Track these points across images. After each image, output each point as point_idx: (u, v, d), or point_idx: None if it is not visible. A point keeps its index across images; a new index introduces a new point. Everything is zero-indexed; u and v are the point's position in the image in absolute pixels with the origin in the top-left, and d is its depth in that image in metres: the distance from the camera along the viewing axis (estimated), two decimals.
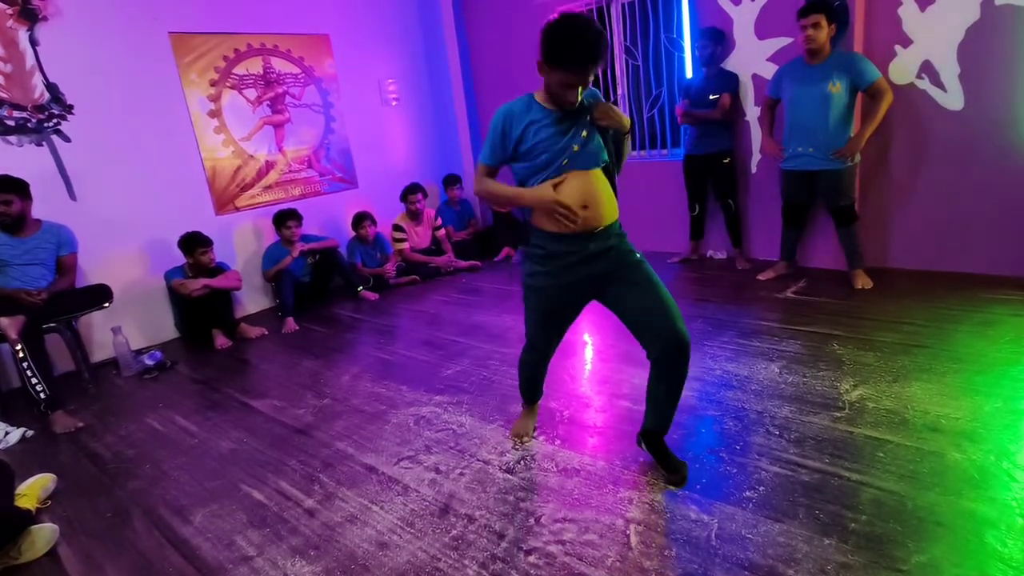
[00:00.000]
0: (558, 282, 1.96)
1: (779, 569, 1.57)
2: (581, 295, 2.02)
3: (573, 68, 1.70)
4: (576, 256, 1.90)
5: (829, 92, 3.40)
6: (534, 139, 1.84)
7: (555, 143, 1.83)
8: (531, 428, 2.42)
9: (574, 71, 1.71)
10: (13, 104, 3.62)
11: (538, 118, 1.85)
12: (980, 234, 3.50)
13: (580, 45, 1.67)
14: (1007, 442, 1.99)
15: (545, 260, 1.95)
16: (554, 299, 2.02)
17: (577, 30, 1.67)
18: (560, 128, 1.84)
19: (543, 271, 1.97)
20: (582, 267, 1.92)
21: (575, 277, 1.94)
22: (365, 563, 1.81)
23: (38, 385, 3.02)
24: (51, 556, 2.05)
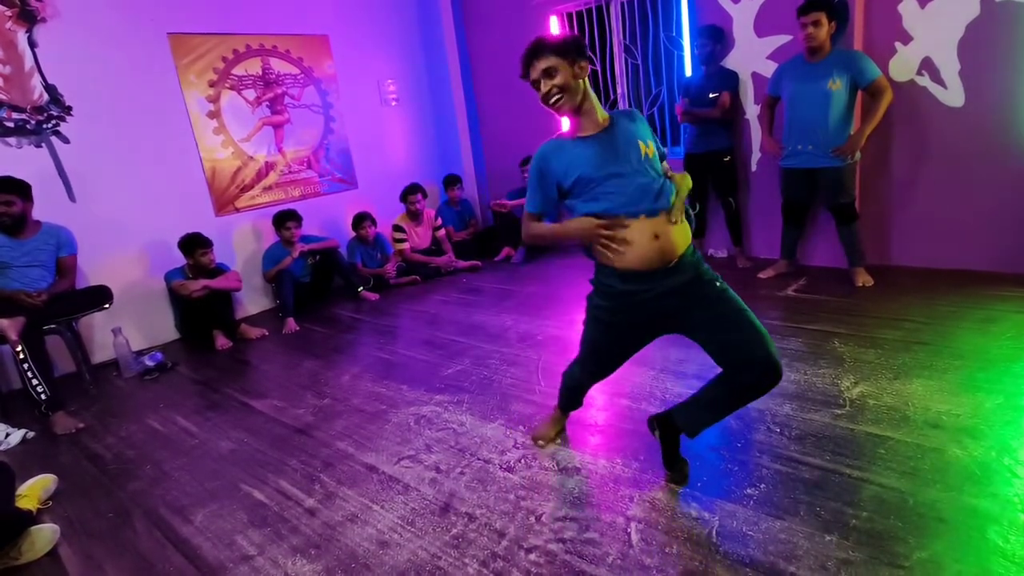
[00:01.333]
0: (628, 319, 1.81)
1: (780, 566, 1.57)
2: (655, 329, 1.85)
3: (524, 63, 1.78)
4: (652, 292, 1.73)
5: (829, 90, 3.39)
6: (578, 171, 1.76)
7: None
8: (555, 434, 2.32)
9: (525, 65, 1.78)
10: (12, 106, 3.62)
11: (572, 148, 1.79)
12: (981, 231, 3.49)
13: (527, 48, 1.77)
14: (1008, 438, 1.98)
15: (611, 298, 1.80)
16: (621, 335, 1.87)
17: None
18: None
19: (610, 307, 1.82)
20: (658, 303, 1.74)
21: (649, 315, 1.78)
22: (366, 562, 1.80)
23: (39, 386, 3.02)
24: (52, 556, 2.05)
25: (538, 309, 3.97)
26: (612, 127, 1.77)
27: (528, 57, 1.78)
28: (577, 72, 1.73)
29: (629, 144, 1.73)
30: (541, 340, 3.41)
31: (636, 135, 1.75)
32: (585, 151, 1.75)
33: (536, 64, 1.75)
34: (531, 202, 1.89)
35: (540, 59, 1.74)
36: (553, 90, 1.74)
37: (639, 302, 1.75)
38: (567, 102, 1.76)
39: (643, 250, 1.68)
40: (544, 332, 3.53)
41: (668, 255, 1.69)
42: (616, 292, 1.77)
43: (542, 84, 1.75)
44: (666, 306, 1.74)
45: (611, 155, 1.72)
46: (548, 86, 1.74)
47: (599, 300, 1.84)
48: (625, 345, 1.91)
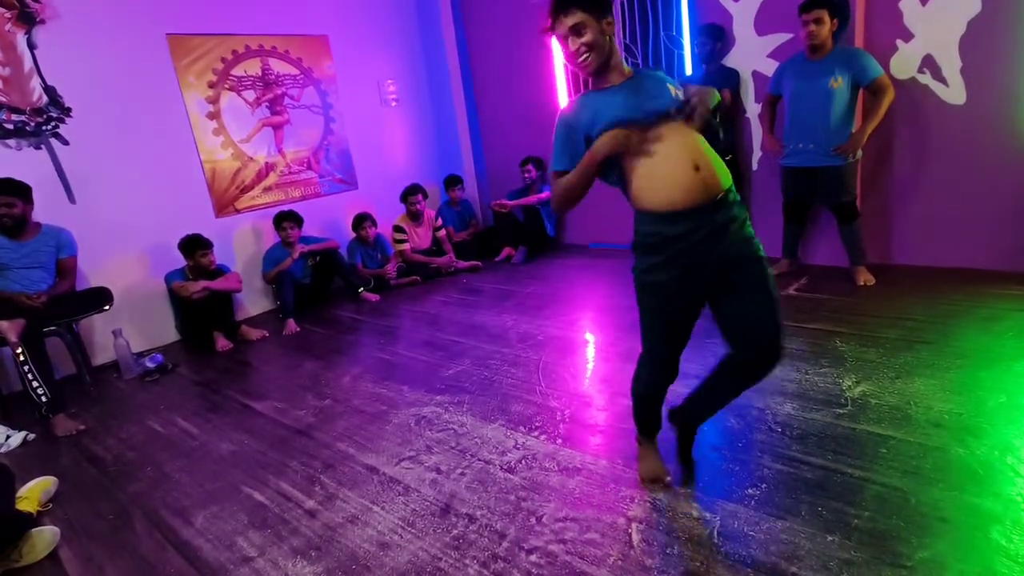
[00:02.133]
0: (683, 270, 1.63)
1: (782, 566, 1.56)
2: (706, 287, 1.69)
3: (550, 16, 1.65)
4: (703, 231, 1.58)
5: (831, 88, 3.38)
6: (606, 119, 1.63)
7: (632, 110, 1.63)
8: (660, 466, 2.01)
9: (551, 18, 1.66)
10: (11, 107, 3.62)
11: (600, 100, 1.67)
12: (983, 229, 3.48)
13: (549, 4, 1.65)
14: (1011, 437, 1.97)
15: (662, 247, 1.63)
16: (680, 293, 1.68)
17: None
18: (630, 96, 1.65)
19: (662, 260, 1.64)
20: (709, 246, 1.60)
21: (703, 260, 1.61)
22: (366, 563, 1.80)
23: (39, 388, 3.01)
24: (52, 559, 2.05)
25: (538, 309, 3.97)
26: (637, 75, 1.70)
27: (554, 9, 1.65)
28: (605, 28, 1.63)
29: (659, 85, 1.66)
30: (542, 340, 3.40)
31: (664, 79, 1.69)
32: (613, 97, 1.65)
33: (563, 19, 1.63)
34: (558, 161, 1.75)
35: (567, 14, 1.61)
36: (582, 48, 1.63)
37: (692, 245, 1.59)
38: (595, 60, 1.65)
39: (686, 181, 1.56)
40: (545, 332, 3.52)
41: (712, 187, 1.57)
42: (666, 238, 1.61)
43: (570, 41, 1.64)
44: (717, 251, 1.60)
45: (642, 96, 1.63)
46: (576, 44, 1.63)
47: (648, 258, 1.67)
48: (687, 306, 1.72)
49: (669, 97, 1.64)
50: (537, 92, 5.49)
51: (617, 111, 1.62)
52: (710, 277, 1.65)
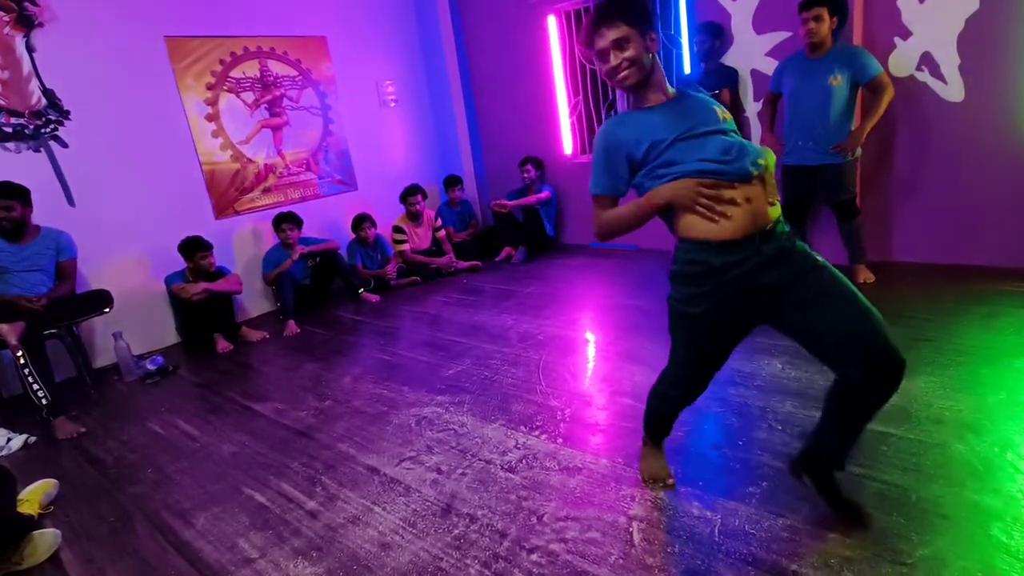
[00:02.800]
0: (724, 304, 1.55)
1: (783, 564, 1.56)
2: (752, 316, 1.59)
3: (589, 30, 1.59)
4: (750, 263, 1.49)
5: (830, 85, 3.38)
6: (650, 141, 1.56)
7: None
8: (664, 469, 2.00)
9: (590, 32, 1.59)
10: (10, 111, 3.62)
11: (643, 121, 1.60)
12: (983, 226, 3.48)
13: (592, 13, 1.59)
14: (1011, 434, 1.97)
15: (705, 277, 1.53)
16: (719, 326, 1.61)
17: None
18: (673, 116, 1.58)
19: (703, 292, 1.55)
20: (755, 277, 1.50)
21: (747, 293, 1.52)
22: (367, 564, 1.80)
23: (39, 391, 3.01)
24: (53, 561, 2.05)
25: (539, 309, 3.97)
26: (681, 96, 1.62)
27: (595, 23, 1.56)
28: (649, 44, 1.57)
29: (705, 108, 1.58)
30: (542, 340, 3.40)
31: (710, 101, 1.61)
32: (655, 117, 1.57)
33: (604, 32, 1.54)
34: (598, 184, 1.65)
35: (610, 27, 1.53)
36: (623, 64, 1.55)
37: (737, 277, 1.50)
38: (635, 76, 1.57)
39: (735, 211, 1.47)
40: (545, 332, 3.52)
41: (762, 219, 1.49)
42: (711, 269, 1.52)
43: (611, 56, 1.55)
44: (764, 282, 1.50)
45: (689, 118, 1.55)
46: (618, 59, 1.55)
47: (689, 288, 1.58)
48: (726, 338, 1.64)
49: (716, 120, 1.56)
50: (536, 92, 5.50)
51: (662, 132, 1.54)
52: (757, 308, 1.56)
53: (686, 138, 1.52)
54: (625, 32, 1.53)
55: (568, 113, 5.44)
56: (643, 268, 4.60)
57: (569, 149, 5.51)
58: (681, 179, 1.51)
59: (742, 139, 1.56)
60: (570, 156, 5.52)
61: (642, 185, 1.61)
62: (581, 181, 5.45)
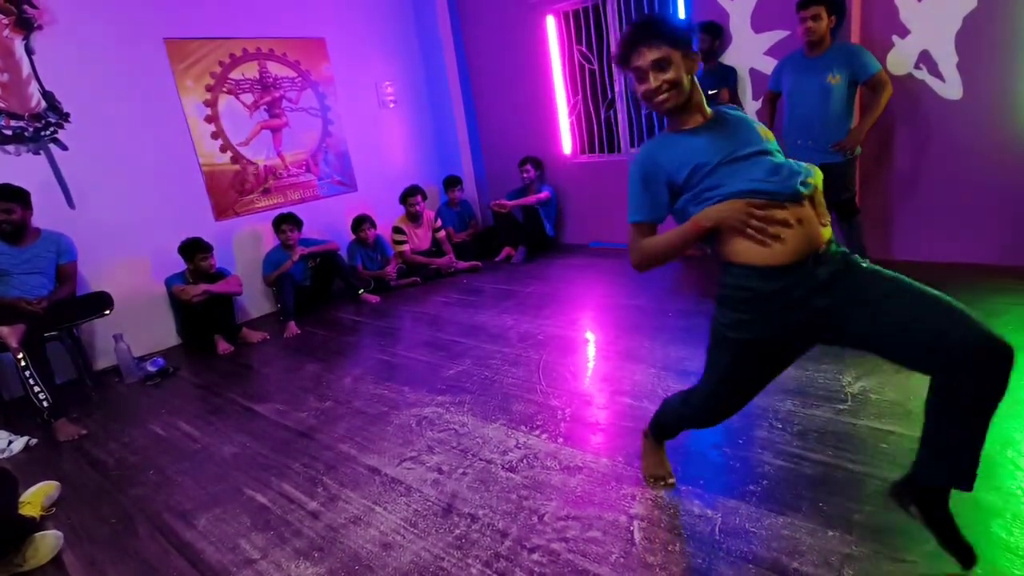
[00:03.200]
0: (774, 331, 1.46)
1: (783, 561, 1.57)
2: (805, 341, 1.50)
3: (627, 47, 1.51)
4: (801, 290, 1.40)
5: (829, 84, 3.38)
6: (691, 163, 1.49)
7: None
8: (668, 467, 1.99)
9: (627, 49, 1.51)
10: (10, 113, 3.63)
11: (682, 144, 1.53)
12: (982, 224, 3.48)
13: (628, 31, 1.52)
14: (1011, 431, 1.97)
15: (754, 303, 1.45)
16: (766, 354, 1.52)
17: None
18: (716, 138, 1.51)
19: (751, 319, 1.47)
20: (809, 304, 1.40)
21: (799, 319, 1.43)
22: (369, 564, 1.80)
23: (40, 393, 3.02)
24: (55, 563, 2.05)
25: (539, 309, 3.97)
26: (720, 116, 1.56)
27: (634, 41, 1.49)
28: (690, 66, 1.50)
29: (748, 129, 1.52)
30: (542, 340, 3.40)
31: (750, 121, 1.55)
32: (696, 140, 1.50)
33: (644, 52, 1.47)
34: (638, 211, 1.57)
35: (650, 47, 1.46)
36: (663, 86, 1.48)
37: (789, 304, 1.41)
38: (674, 100, 1.50)
39: (789, 237, 1.39)
40: (545, 332, 3.52)
41: (815, 240, 1.40)
42: (760, 296, 1.43)
43: (651, 78, 1.48)
44: (817, 306, 1.40)
45: (733, 140, 1.48)
46: (658, 81, 1.48)
47: (736, 313, 1.49)
48: (768, 367, 1.56)
49: (760, 140, 1.50)
50: (535, 92, 5.50)
51: (704, 155, 1.47)
52: (810, 332, 1.46)
53: (730, 161, 1.45)
54: (666, 53, 1.46)
55: (567, 113, 5.44)
56: None
57: (568, 149, 5.52)
58: (729, 200, 1.42)
59: (786, 159, 1.49)
60: (569, 156, 5.52)
61: (684, 211, 1.53)
62: (581, 181, 5.47)
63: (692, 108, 1.54)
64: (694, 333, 3.10)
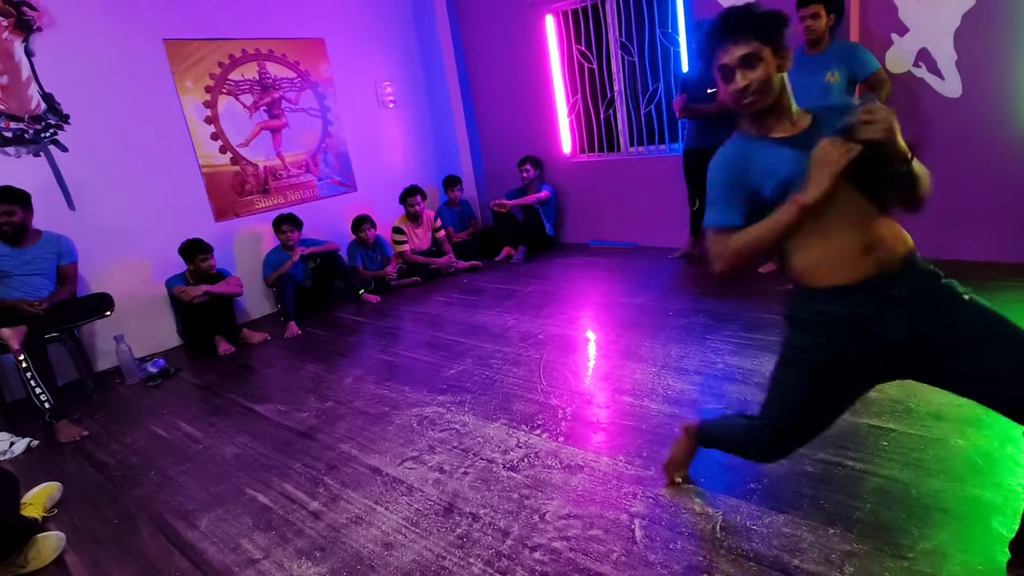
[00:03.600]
0: (853, 355, 1.37)
1: (784, 559, 1.57)
2: (885, 367, 1.38)
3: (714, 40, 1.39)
4: (875, 309, 1.31)
5: (828, 82, 3.38)
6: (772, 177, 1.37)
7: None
8: (687, 469, 1.95)
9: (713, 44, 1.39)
10: (10, 115, 3.63)
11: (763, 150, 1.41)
12: (981, 221, 3.49)
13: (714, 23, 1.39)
14: (1011, 428, 1.97)
15: (825, 327, 1.37)
16: (842, 380, 1.42)
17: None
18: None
19: (824, 343, 1.38)
20: (886, 325, 1.31)
21: (878, 343, 1.33)
22: (371, 563, 1.81)
23: (42, 395, 3.02)
24: (58, 564, 2.06)
25: (539, 308, 3.97)
26: (815, 128, 1.38)
27: (720, 35, 1.37)
28: (781, 63, 1.37)
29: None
30: (543, 339, 3.41)
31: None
32: (788, 152, 1.35)
33: (732, 49, 1.34)
34: (723, 213, 1.42)
35: (739, 42, 1.33)
36: (751, 86, 1.34)
37: (862, 327, 1.33)
38: (761, 101, 1.37)
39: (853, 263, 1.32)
40: (545, 331, 3.53)
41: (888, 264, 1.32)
42: (831, 318, 1.36)
43: (738, 76, 1.35)
44: (902, 329, 1.31)
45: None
46: (745, 80, 1.34)
47: (809, 337, 1.41)
48: (844, 393, 1.45)
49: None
50: (534, 91, 5.50)
51: (792, 170, 1.33)
52: (892, 355, 1.35)
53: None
54: (755, 48, 1.34)
55: (567, 112, 5.44)
56: (642, 266, 4.61)
57: (568, 148, 5.52)
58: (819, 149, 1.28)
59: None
60: (569, 155, 5.52)
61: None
62: (580, 180, 5.47)
63: (781, 112, 1.40)
64: (694, 332, 3.10)
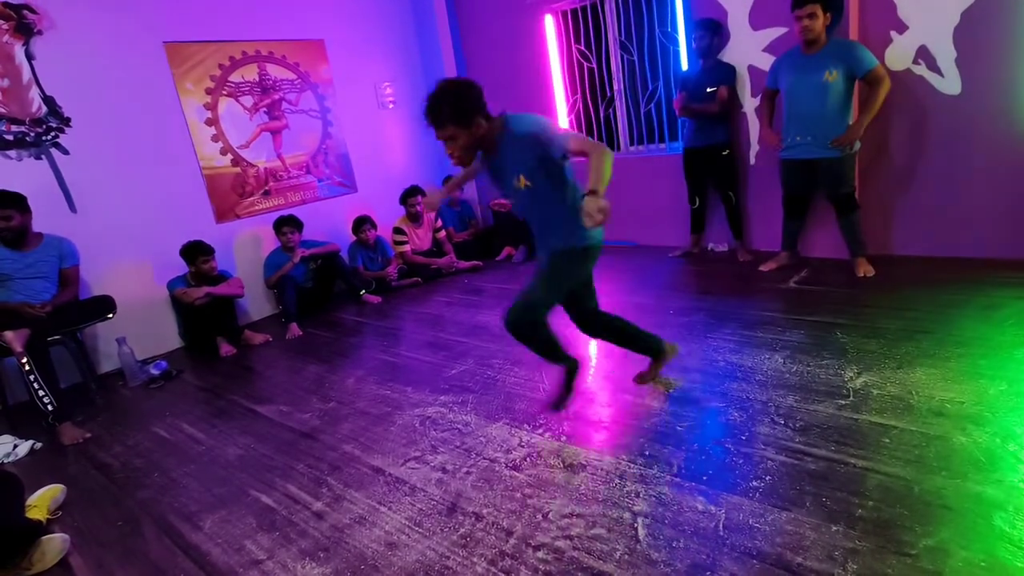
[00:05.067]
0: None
1: (787, 556, 1.58)
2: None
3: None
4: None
5: (826, 81, 3.39)
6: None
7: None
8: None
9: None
10: (11, 118, 3.63)
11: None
12: (982, 218, 3.49)
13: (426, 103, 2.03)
14: (1013, 424, 1.98)
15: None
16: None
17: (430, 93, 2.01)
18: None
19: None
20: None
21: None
22: (375, 563, 1.81)
23: (45, 397, 3.03)
24: (63, 566, 2.06)
25: None
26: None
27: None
28: (473, 132, 2.26)
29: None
30: None
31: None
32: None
33: (436, 133, 2.11)
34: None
35: (435, 128, 2.09)
36: (455, 153, 2.16)
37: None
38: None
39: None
40: None
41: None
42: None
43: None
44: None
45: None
46: (450, 150, 2.13)
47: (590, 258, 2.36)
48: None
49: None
50: (534, 91, 5.50)
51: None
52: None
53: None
54: (452, 132, 2.07)
55: (566, 112, 5.44)
56: (642, 265, 4.61)
57: None
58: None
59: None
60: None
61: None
62: (580, 179, 5.46)
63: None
64: (694, 330, 3.10)
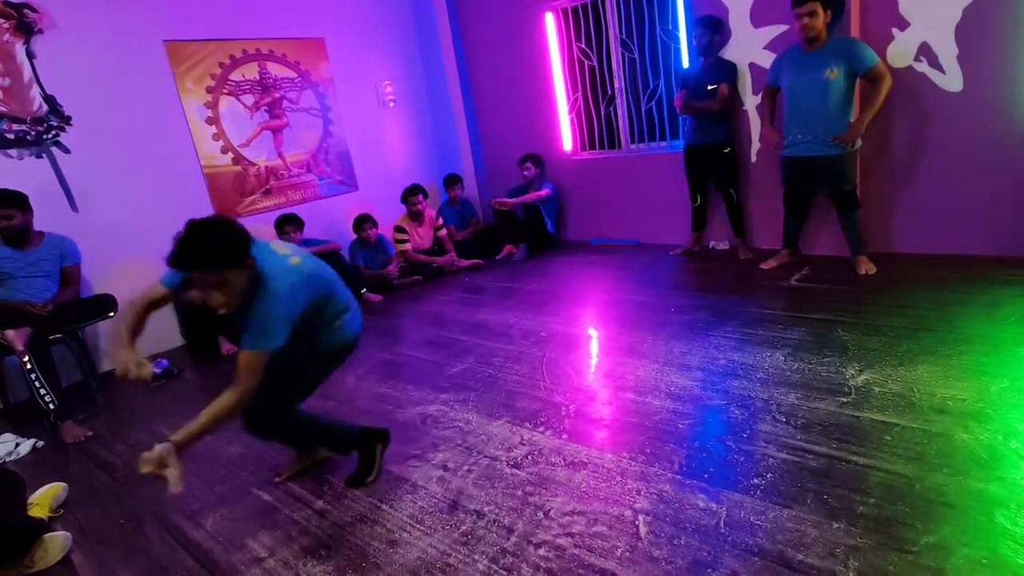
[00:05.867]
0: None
1: (788, 554, 1.58)
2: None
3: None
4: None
5: (827, 78, 3.38)
6: None
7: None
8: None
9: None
10: (12, 117, 3.64)
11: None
12: (983, 215, 3.48)
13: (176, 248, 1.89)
14: (1014, 422, 1.98)
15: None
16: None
17: (182, 235, 1.90)
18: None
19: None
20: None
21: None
22: (376, 561, 1.82)
23: (47, 396, 3.03)
24: (65, 564, 2.07)
25: (541, 306, 3.97)
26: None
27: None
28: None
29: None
30: (545, 336, 3.41)
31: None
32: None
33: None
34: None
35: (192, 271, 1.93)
36: (218, 301, 2.06)
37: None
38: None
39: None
40: (548, 328, 3.53)
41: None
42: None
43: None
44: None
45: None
46: (214, 300, 2.04)
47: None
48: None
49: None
50: (535, 89, 5.50)
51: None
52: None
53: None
54: (218, 278, 1.93)
55: (567, 110, 5.44)
56: (644, 263, 4.61)
57: (569, 146, 5.51)
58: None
59: None
60: (570, 153, 5.52)
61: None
62: (581, 178, 5.47)
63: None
64: (696, 328, 3.10)
